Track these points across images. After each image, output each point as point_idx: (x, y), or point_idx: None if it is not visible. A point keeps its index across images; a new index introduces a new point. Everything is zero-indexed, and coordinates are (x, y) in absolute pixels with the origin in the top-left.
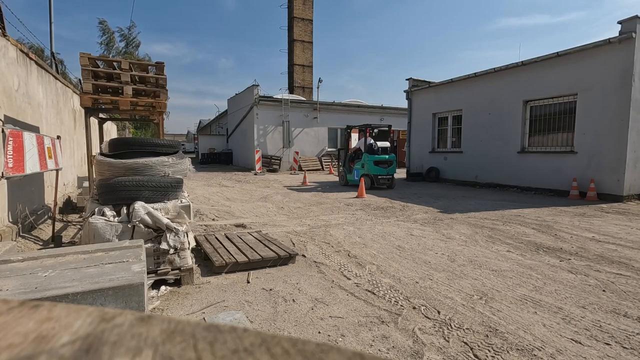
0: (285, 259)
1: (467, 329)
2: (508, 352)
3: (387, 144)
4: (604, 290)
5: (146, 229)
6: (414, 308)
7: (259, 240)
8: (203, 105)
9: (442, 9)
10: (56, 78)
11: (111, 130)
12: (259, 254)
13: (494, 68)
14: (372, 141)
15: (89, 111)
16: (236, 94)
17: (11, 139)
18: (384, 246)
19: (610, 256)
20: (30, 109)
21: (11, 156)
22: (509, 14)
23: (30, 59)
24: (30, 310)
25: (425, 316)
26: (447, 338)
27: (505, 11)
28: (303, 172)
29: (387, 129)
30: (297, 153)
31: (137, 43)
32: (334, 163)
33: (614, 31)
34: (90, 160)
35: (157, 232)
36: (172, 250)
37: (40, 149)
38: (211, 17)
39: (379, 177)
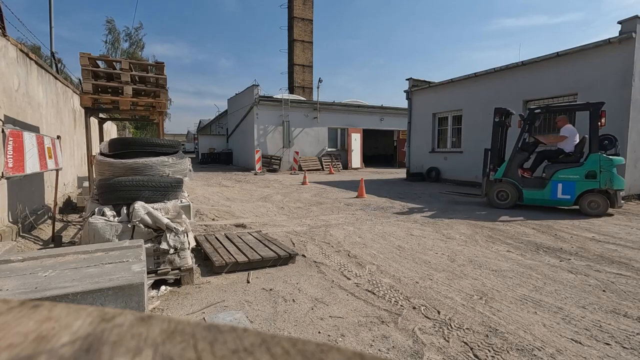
0: (285, 259)
1: (467, 329)
2: (508, 352)
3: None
4: (604, 290)
5: (146, 229)
6: (414, 308)
7: (259, 240)
8: (203, 105)
9: (441, 9)
10: (56, 78)
11: (111, 130)
12: (259, 254)
13: (494, 68)
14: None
15: (89, 111)
16: (236, 94)
17: (11, 139)
18: (384, 246)
19: (610, 256)
20: (30, 109)
21: (11, 156)
22: (507, 14)
23: (30, 59)
24: (30, 310)
25: (425, 316)
26: (447, 338)
27: (503, 12)
28: (303, 172)
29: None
30: (297, 153)
31: (142, 45)
32: (334, 163)
33: (612, 32)
34: (90, 160)
35: (157, 232)
36: (172, 250)
37: (40, 149)
38: (212, 17)
39: (620, 192)
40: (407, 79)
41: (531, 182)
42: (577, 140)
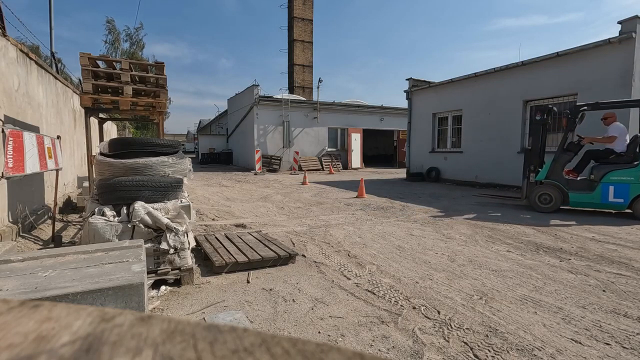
0: (285, 259)
1: (467, 329)
2: (508, 352)
3: None
4: (604, 290)
5: (146, 229)
6: (414, 308)
7: (259, 240)
8: (203, 105)
9: (440, 9)
10: (56, 78)
11: (111, 130)
12: (259, 254)
13: (494, 68)
14: None
15: (89, 111)
16: (236, 94)
17: (11, 139)
18: (384, 246)
19: (610, 256)
20: (30, 109)
21: (11, 156)
22: (507, 14)
23: (30, 59)
24: (30, 310)
25: (425, 316)
26: (447, 338)
27: (503, 12)
28: (303, 172)
29: None
30: (297, 153)
31: (142, 45)
32: (334, 163)
33: (612, 32)
34: (90, 160)
35: (157, 232)
36: (172, 250)
37: (40, 149)
38: (212, 17)
39: None
40: (407, 79)
41: (578, 184)
42: (628, 140)
